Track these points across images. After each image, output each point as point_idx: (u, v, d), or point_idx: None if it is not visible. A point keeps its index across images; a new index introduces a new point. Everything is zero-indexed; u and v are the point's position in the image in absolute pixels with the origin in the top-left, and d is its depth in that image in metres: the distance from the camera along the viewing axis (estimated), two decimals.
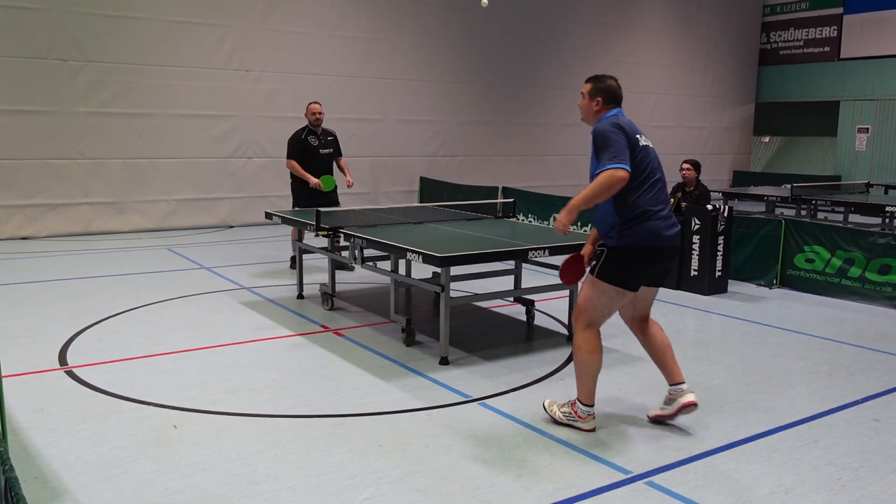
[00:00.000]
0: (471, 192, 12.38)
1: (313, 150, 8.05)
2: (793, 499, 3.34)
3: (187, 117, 11.71)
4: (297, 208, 8.05)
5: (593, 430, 4.04)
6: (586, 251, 4.20)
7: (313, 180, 7.87)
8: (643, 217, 3.79)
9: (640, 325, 4.16)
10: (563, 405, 4.14)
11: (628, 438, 3.96)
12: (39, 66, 10.45)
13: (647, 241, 3.79)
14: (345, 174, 8.22)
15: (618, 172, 3.66)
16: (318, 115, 8.08)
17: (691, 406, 4.03)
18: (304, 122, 8.23)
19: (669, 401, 4.11)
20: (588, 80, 4.07)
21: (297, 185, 8.15)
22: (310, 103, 8.19)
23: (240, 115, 12.16)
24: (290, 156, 8.05)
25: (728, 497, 3.33)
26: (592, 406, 4.04)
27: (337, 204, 7.96)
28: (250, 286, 7.57)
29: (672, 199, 8.12)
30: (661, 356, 4.14)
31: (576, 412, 4.05)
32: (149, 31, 11.20)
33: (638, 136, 3.86)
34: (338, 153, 8.29)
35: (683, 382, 4.10)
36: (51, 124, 10.62)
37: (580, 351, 3.99)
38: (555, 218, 4.22)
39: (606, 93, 4.01)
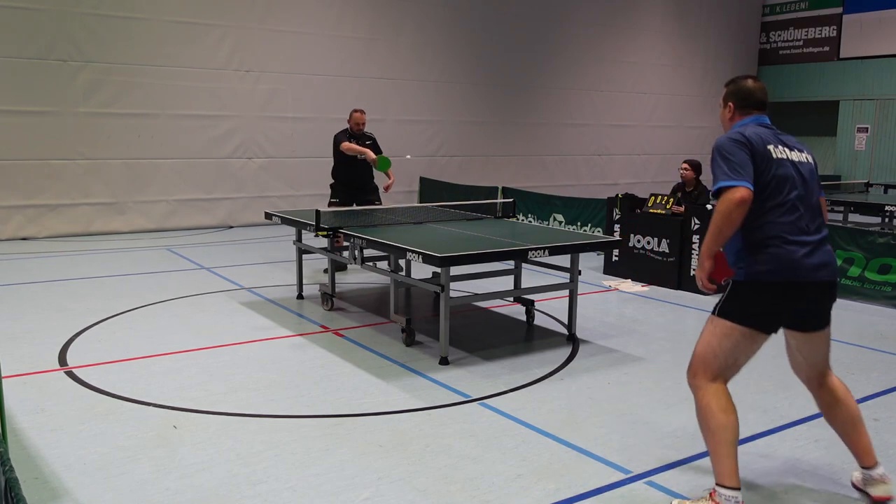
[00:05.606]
0: (471, 193, 12.38)
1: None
2: (793, 498, 3.34)
3: (187, 117, 11.71)
4: (334, 201, 8.05)
5: None
6: (705, 270, 3.21)
7: (371, 155, 7.79)
8: (775, 244, 3.05)
9: (819, 385, 3.32)
10: (699, 499, 3.16)
11: (628, 438, 3.95)
12: (39, 66, 10.45)
13: (781, 273, 3.04)
14: (388, 176, 8.14)
15: (734, 193, 2.95)
16: (360, 126, 8.05)
17: (883, 502, 3.25)
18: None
19: (864, 483, 3.37)
20: (725, 84, 3.40)
21: (338, 182, 8.15)
22: (354, 111, 8.13)
23: (239, 115, 12.16)
24: (342, 140, 7.97)
25: None
26: (739, 489, 3.05)
27: (375, 203, 8.01)
28: (250, 286, 7.58)
29: (667, 199, 8.12)
30: (844, 428, 3.33)
31: (717, 502, 3.07)
32: (149, 31, 11.20)
33: (771, 146, 3.12)
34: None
35: (875, 466, 3.29)
36: (51, 124, 10.62)
37: (710, 413, 3.09)
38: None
39: (738, 95, 3.31)
